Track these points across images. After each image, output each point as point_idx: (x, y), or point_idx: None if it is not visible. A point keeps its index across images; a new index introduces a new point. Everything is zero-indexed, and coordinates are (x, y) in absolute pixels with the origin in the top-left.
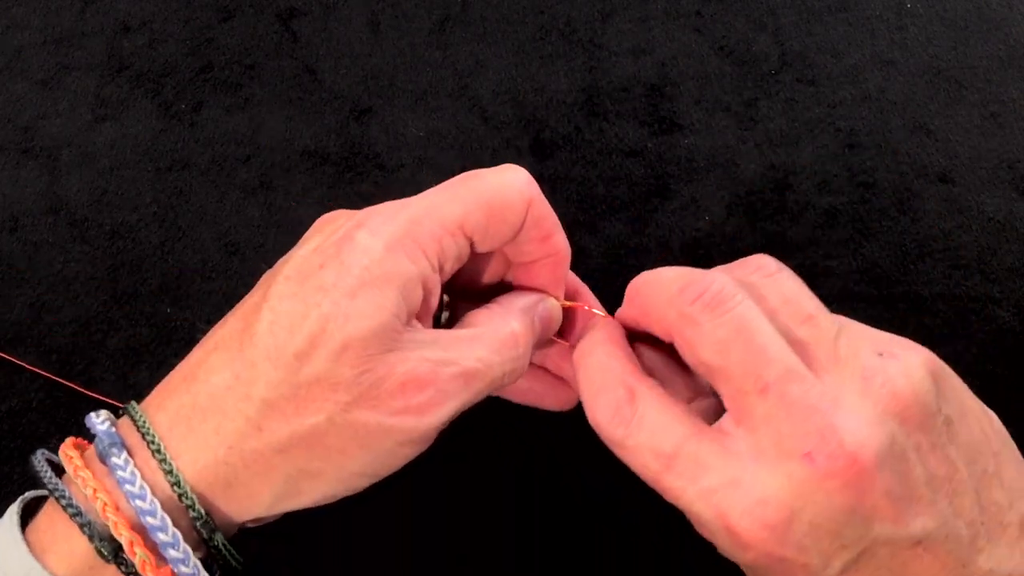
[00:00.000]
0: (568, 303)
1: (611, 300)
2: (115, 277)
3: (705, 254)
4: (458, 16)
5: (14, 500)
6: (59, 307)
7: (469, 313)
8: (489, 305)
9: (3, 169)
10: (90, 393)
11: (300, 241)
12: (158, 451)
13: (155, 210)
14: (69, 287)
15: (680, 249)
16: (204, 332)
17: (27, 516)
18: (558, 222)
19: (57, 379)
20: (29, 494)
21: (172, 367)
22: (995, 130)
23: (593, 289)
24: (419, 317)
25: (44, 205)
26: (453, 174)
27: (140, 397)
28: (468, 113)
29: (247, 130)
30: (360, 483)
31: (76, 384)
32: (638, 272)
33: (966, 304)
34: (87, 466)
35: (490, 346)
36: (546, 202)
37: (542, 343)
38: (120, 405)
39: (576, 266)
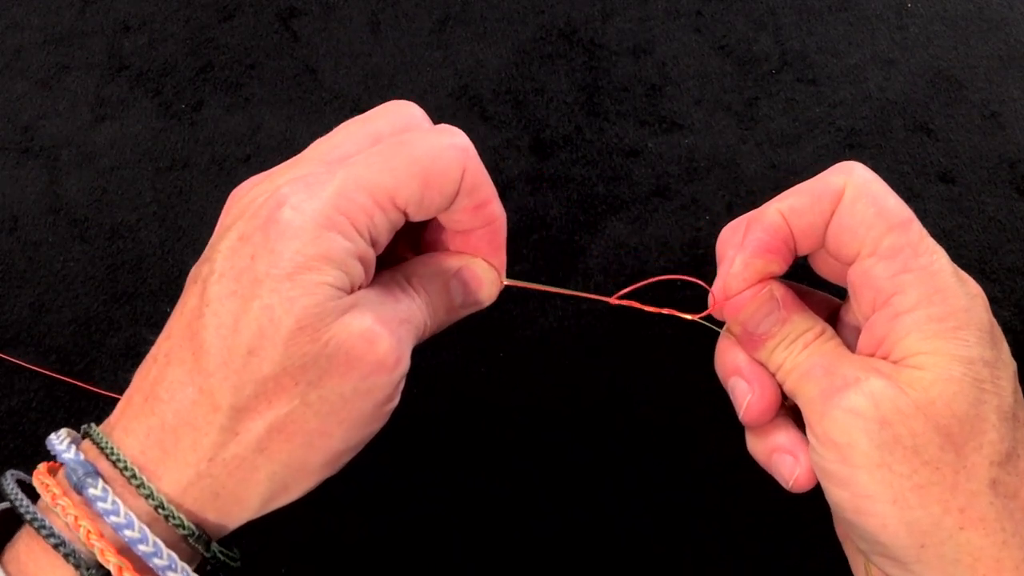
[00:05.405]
0: (513, 282)
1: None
2: (115, 277)
3: (705, 254)
4: (458, 16)
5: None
6: (59, 307)
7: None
8: (391, 267)
9: (3, 169)
10: (90, 387)
11: (218, 226)
12: (134, 477)
13: (155, 210)
14: (69, 287)
15: (680, 249)
16: (150, 343)
17: None
18: (494, 190)
19: (56, 375)
20: None
21: None
22: (995, 130)
23: (593, 288)
24: (361, 288)
25: (44, 205)
26: None
27: None
28: (468, 113)
29: (247, 130)
30: (343, 460)
31: (74, 380)
32: (638, 272)
33: None
34: (65, 494)
35: (401, 297)
36: (482, 169)
37: (474, 304)
38: (119, 397)
39: (576, 265)
